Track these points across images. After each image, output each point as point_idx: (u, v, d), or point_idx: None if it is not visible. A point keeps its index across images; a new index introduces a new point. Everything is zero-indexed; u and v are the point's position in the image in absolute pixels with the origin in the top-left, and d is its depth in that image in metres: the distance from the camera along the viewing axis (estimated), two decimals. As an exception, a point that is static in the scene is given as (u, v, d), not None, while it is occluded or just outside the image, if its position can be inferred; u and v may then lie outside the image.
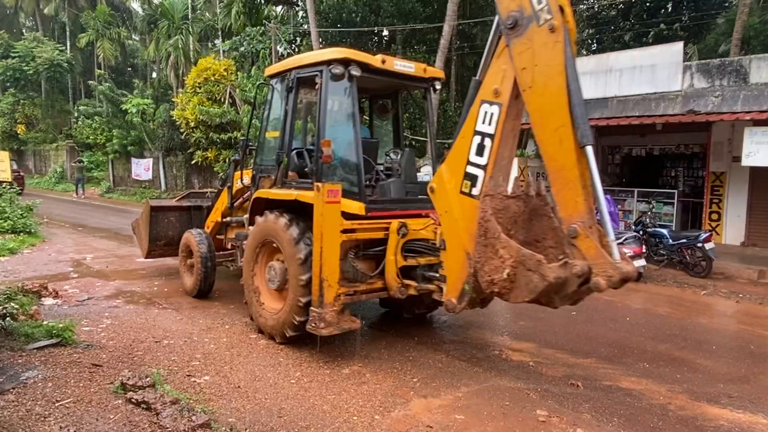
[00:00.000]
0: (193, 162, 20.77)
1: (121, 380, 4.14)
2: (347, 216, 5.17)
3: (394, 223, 5.30)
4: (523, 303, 4.02)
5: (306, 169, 5.82)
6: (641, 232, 10.16)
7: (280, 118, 6.08)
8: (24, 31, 37.80)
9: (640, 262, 9.20)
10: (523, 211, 4.26)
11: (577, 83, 3.70)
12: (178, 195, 9.71)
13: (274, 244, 5.60)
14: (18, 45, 29.65)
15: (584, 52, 20.01)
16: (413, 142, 15.99)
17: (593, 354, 5.62)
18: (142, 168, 25.37)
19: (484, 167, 4.24)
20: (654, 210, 12.02)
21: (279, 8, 23.76)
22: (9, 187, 12.80)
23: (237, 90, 19.78)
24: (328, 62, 5.37)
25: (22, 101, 31.31)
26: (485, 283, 4.08)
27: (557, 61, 3.74)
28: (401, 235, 5.27)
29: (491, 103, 4.19)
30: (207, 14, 28.61)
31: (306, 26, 18.32)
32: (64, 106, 33.22)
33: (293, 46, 19.64)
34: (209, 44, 29.23)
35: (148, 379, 4.18)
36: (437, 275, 5.09)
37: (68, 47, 32.78)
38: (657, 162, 14.11)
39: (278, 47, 19.03)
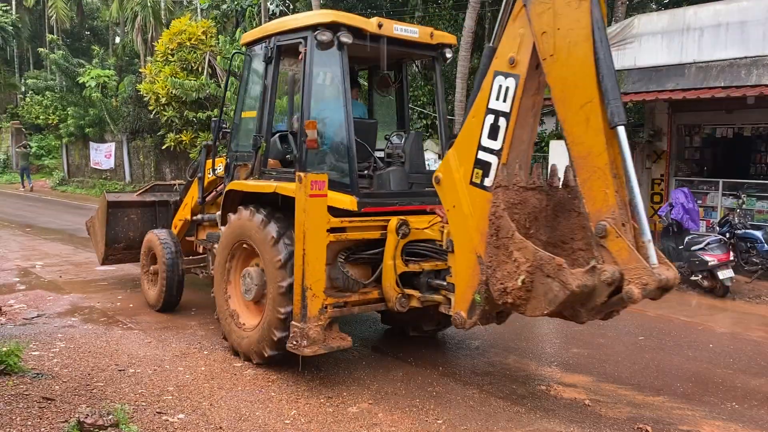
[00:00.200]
0: (164, 147, 20.97)
1: (77, 418, 4.18)
2: (336, 212, 5.28)
3: (393, 221, 5.36)
4: (542, 316, 4.08)
5: (288, 156, 5.93)
6: (728, 235, 10.01)
7: (258, 94, 6.18)
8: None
9: (727, 273, 9.09)
10: (545, 206, 4.35)
11: (607, 50, 3.76)
12: (141, 188, 9.90)
13: (245, 245, 5.81)
14: (-48, 4, 30.26)
15: (654, 6, 19.79)
16: (435, 122, 15.97)
17: (666, 391, 5.56)
18: (102, 154, 25.70)
19: (498, 152, 4.31)
20: (744, 206, 11.81)
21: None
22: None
23: (218, 58, 19.90)
24: (313, 27, 5.46)
25: (-43, 73, 31.93)
26: (497, 292, 4.16)
27: (583, 24, 3.80)
28: (401, 235, 5.33)
29: (506, 75, 4.26)
30: (182, -36, 28.89)
31: (304, -23, 18.38)
32: (8, 79, 33.74)
33: (287, 1, 19.70)
34: (184, 1, 29.46)
35: (110, 416, 4.22)
36: (444, 283, 5.17)
37: (13, 7, 33.28)
38: (748, 145, 13.87)
39: (269, 4, 19.08)
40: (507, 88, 4.26)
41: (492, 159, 4.35)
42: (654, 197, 13.97)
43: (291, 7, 19.47)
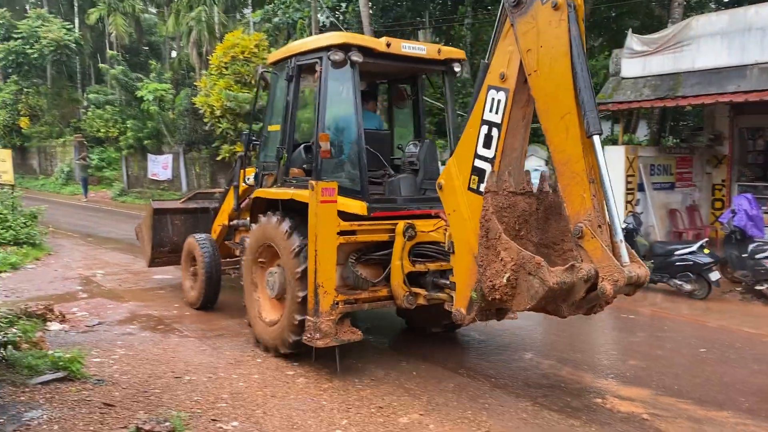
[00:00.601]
0: (219, 158, 21.44)
1: (136, 425, 4.32)
2: (348, 216, 5.79)
3: (401, 225, 5.80)
4: (527, 311, 4.48)
5: (304, 166, 6.46)
6: (795, 243, 9.57)
7: (281, 109, 6.77)
8: (28, 7, 40.44)
9: (794, 283, 8.69)
10: (536, 210, 4.72)
11: (584, 65, 4.09)
12: (184, 196, 10.43)
13: (270, 247, 6.29)
14: (21, 25, 31.74)
15: (713, 6, 19.17)
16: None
17: (729, 405, 5.36)
18: (159, 166, 26.47)
19: (491, 161, 4.68)
20: (813, 212, 11.29)
21: (320, -33, 24.17)
22: (11, 191, 13.71)
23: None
24: (327, 48, 6.02)
25: (25, 90, 33.43)
26: (487, 289, 4.49)
27: (562, 41, 4.15)
28: (408, 237, 5.78)
29: (498, 89, 4.64)
30: (235, -22, 29.53)
31: (353, -13, 18.56)
32: (72, 94, 35.17)
33: (337, 12, 19.94)
34: (237, 15, 30.16)
35: (167, 424, 4.34)
36: (447, 282, 5.56)
37: (76, 25, 34.75)
38: (817, 148, 13.25)
39: (319, 15, 19.36)
40: (499, 101, 4.63)
41: (487, 166, 4.69)
42: (715, 203, 13.49)
43: (341, 18, 19.68)
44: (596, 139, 4.06)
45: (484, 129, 4.71)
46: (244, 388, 5.47)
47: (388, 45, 6.10)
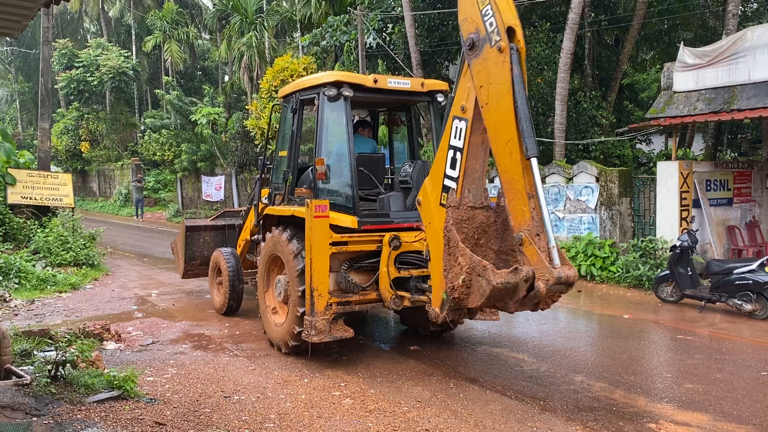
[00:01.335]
0: (269, 179, 21.84)
1: (185, 443, 4.41)
2: (341, 229, 6.59)
3: (387, 236, 6.58)
4: (479, 307, 5.23)
5: (304, 187, 7.28)
6: None
7: (288, 138, 7.67)
8: (89, 37, 42.42)
9: None
10: (494, 221, 5.40)
11: (524, 100, 4.74)
12: (214, 214, 11.51)
13: (277, 257, 7.13)
14: (82, 54, 33.29)
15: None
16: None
17: (794, 432, 5.10)
18: (213, 187, 27.18)
19: (456, 180, 5.38)
20: None
21: (367, -10, 24.51)
22: (71, 213, 14.29)
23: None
24: (323, 85, 6.88)
25: (86, 116, 34.96)
26: (449, 290, 5.11)
27: (506, 79, 4.79)
28: (393, 247, 6.55)
29: (460, 119, 5.37)
30: (284, 4, 30.28)
31: (399, 10, 18.68)
32: (129, 119, 36.61)
33: (383, 34, 20.13)
34: (286, 39, 30.85)
35: (215, 443, 4.41)
36: (426, 286, 6.31)
37: (134, 52, 36.23)
38: None
39: (365, 38, 19.59)
40: (461, 129, 5.34)
41: (453, 185, 5.40)
42: (777, 219, 12.96)
43: (387, 39, 19.86)
44: (533, 161, 4.68)
45: (451, 153, 5.43)
46: (291, 409, 5.52)
47: (375, 81, 6.91)
